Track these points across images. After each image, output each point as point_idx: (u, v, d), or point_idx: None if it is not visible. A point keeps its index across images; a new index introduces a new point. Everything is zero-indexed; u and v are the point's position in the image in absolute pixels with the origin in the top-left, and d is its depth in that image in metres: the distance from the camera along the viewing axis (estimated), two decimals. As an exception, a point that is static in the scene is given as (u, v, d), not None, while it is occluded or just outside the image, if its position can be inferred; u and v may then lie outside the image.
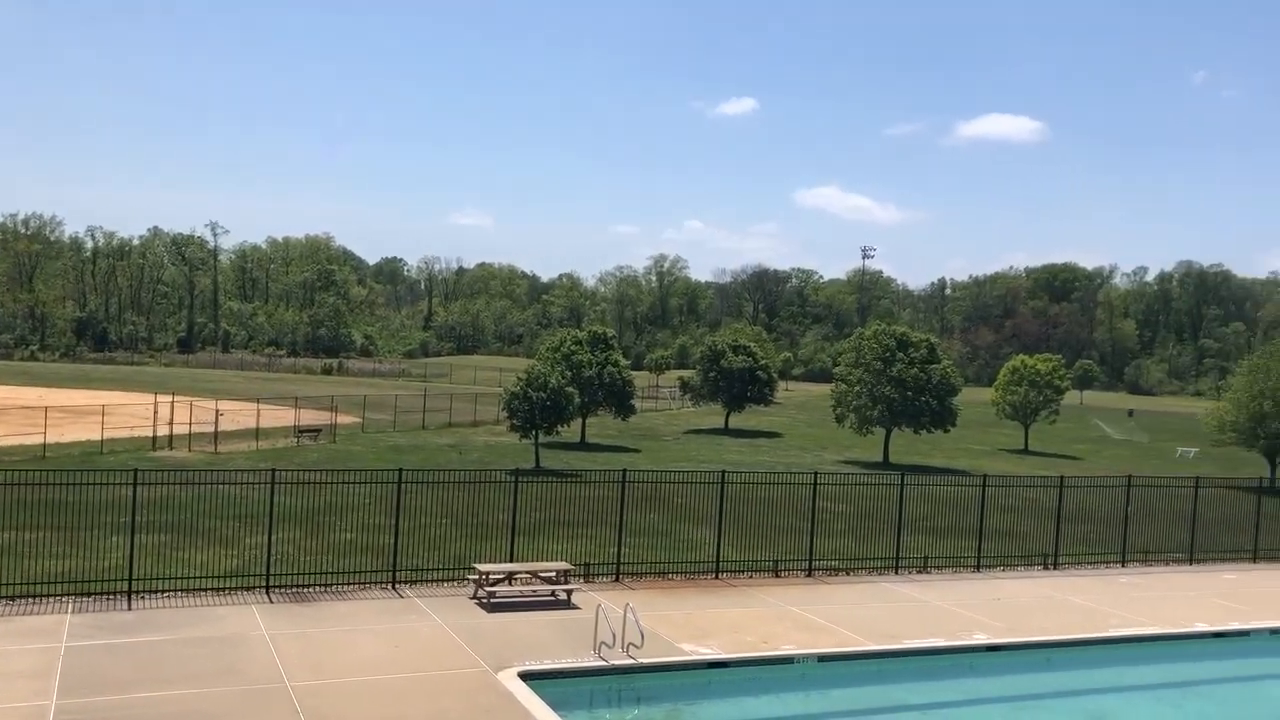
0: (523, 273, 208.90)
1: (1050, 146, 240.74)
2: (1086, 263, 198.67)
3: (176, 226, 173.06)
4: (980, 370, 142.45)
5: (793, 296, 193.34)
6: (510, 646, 17.52)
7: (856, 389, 49.86)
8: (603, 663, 17.02)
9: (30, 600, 18.60)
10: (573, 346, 50.43)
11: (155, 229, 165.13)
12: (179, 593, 19.58)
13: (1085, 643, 20.45)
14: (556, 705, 14.96)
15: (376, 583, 21.07)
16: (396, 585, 21.05)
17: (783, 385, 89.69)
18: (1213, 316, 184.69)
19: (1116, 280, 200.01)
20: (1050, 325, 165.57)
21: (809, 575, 24.30)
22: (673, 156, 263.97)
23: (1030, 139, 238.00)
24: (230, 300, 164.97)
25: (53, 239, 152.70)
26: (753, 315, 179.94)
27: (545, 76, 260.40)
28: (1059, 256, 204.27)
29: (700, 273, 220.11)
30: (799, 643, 18.86)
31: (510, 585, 20.72)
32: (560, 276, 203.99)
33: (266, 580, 20.28)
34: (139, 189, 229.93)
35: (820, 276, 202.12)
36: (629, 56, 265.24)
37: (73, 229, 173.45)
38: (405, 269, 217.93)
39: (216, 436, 42.22)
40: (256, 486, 22.85)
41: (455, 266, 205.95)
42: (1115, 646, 20.59)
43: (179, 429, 42.69)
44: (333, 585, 20.76)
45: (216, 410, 43.84)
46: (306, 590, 20.40)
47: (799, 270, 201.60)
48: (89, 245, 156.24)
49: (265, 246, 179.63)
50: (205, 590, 19.81)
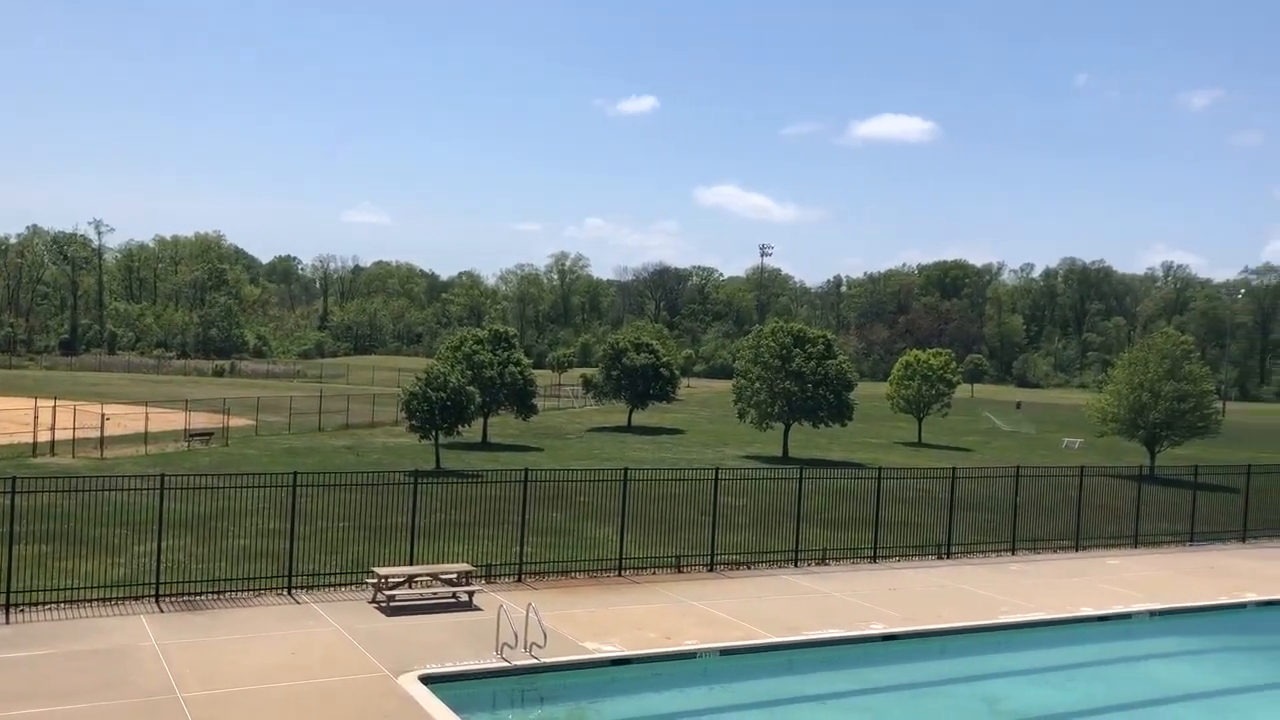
0: (421, 271, 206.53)
1: (941, 146, 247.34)
2: (976, 260, 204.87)
3: (57, 224, 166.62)
4: (875, 365, 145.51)
5: (694, 294, 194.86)
6: (411, 650, 17.28)
7: (756, 385, 50.45)
8: (505, 663, 16.90)
9: (-101, 617, 17.70)
10: (473, 345, 49.98)
11: (34, 227, 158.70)
12: (62, 604, 18.83)
13: (978, 630, 21.04)
14: (459, 708, 14.81)
15: (272, 589, 20.57)
16: (293, 591, 20.59)
17: (685, 382, 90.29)
18: (1095, 311, 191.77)
19: (1004, 277, 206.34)
20: (942, 321, 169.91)
21: (711, 570, 24.50)
22: (574, 154, 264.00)
23: (922, 139, 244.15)
24: (116, 301, 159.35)
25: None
26: (655, 313, 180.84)
27: (444, 71, 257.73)
28: (950, 254, 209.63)
29: (602, 271, 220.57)
30: (701, 637, 19.00)
31: (410, 588, 20.43)
32: (460, 275, 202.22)
33: (156, 589, 19.64)
34: (13, 184, 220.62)
35: (720, 274, 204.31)
36: (529, 52, 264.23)
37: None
38: (300, 268, 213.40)
39: (102, 442, 40.72)
40: (145, 492, 22.11)
41: (351, 265, 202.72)
42: (1006, 632, 21.23)
43: (62, 435, 41.06)
44: (226, 593, 20.21)
45: (102, 414, 42.26)
46: (199, 599, 19.82)
47: (700, 268, 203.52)
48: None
49: (153, 245, 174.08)
50: (90, 601, 19.09)
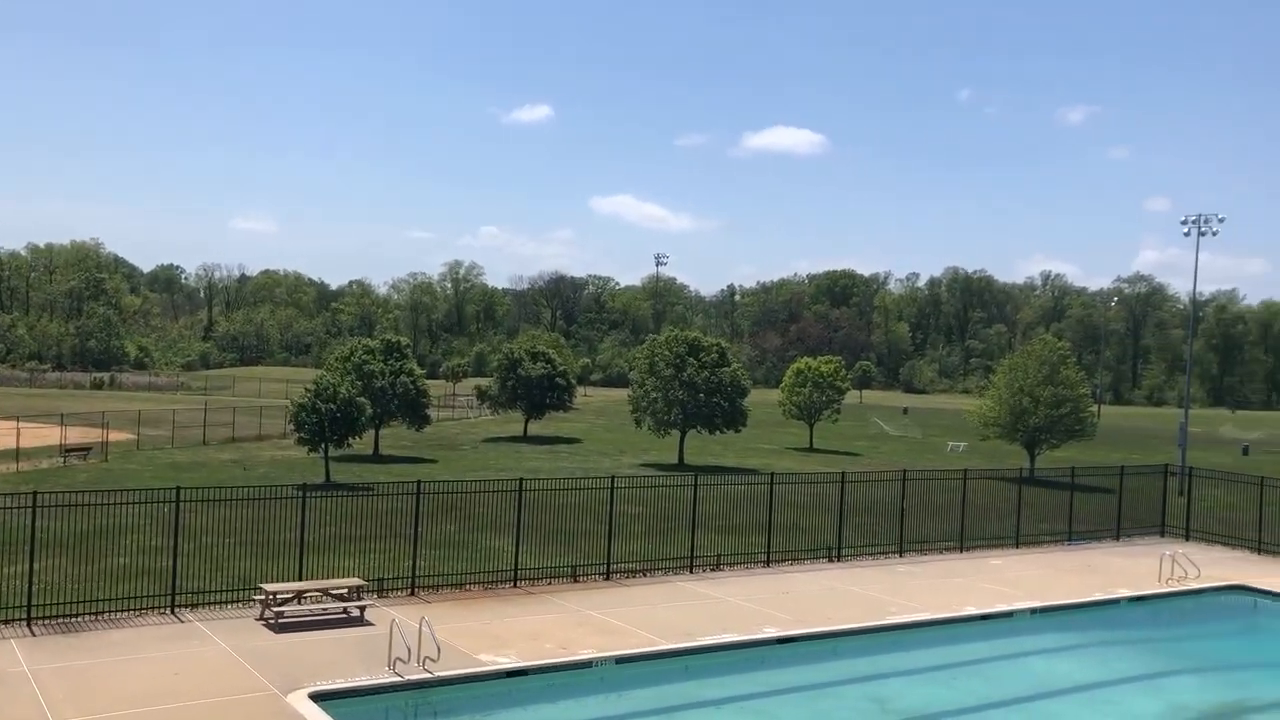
0: (310, 280, 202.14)
1: (830, 158, 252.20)
2: (864, 269, 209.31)
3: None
4: (768, 372, 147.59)
5: (590, 303, 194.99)
6: (300, 667, 16.90)
7: (652, 393, 50.74)
8: (398, 678, 16.65)
9: None
10: (364, 355, 49.14)
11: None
12: (-75, 631, 17.91)
13: (868, 630, 21.52)
14: (350, 725, 14.54)
15: (154, 608, 19.90)
16: (176, 610, 19.95)
17: (582, 391, 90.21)
18: (977, 319, 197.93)
19: (891, 286, 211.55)
20: (832, 329, 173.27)
21: (607, 579, 24.53)
22: (468, 162, 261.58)
23: (812, 151, 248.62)
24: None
25: None
26: (551, 322, 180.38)
27: (332, 77, 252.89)
28: (839, 263, 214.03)
29: (497, 279, 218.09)
30: (597, 646, 19.01)
31: (299, 604, 19.98)
32: (350, 283, 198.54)
33: (28, 612, 18.82)
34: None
35: (617, 283, 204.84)
36: (420, 59, 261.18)
37: None
38: (183, 277, 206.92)
39: (-31, 459, 38.85)
40: (16, 511, 21.13)
41: (237, 274, 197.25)
42: (895, 633, 21.75)
43: (-76, 452, 39.04)
44: (105, 613, 19.47)
45: (-32, 430, 40.32)
46: (75, 620, 19.05)
47: (596, 277, 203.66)
48: None
49: (25, 253, 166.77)
50: (-44, 627, 18.18)
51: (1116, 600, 25.49)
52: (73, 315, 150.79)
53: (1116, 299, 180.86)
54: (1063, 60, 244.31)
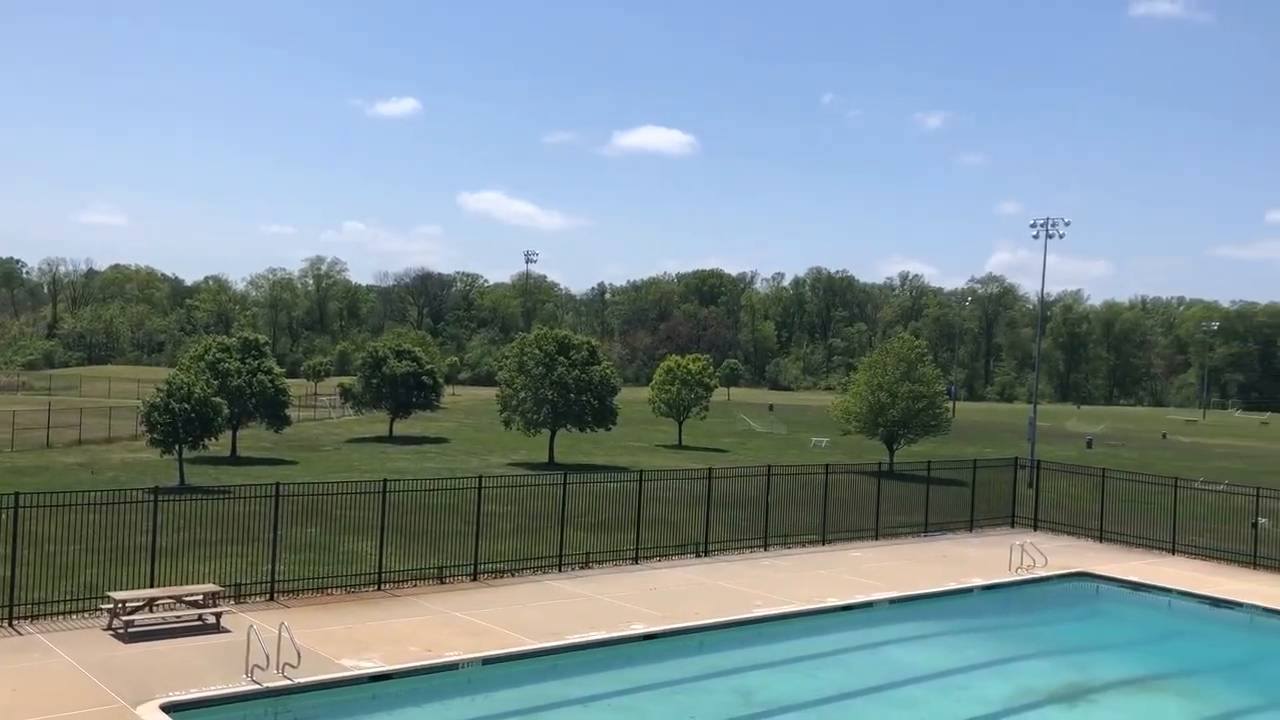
0: (163, 275, 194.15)
1: (699, 159, 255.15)
2: (731, 269, 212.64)
3: None
4: (638, 370, 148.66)
5: (458, 300, 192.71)
6: (152, 678, 16.21)
7: (521, 392, 50.43)
8: (256, 686, 16.14)
9: None
10: (220, 354, 47.46)
11: None
12: None
13: (733, 624, 21.85)
14: (204, 737, 14.02)
15: (-11, 622, 18.81)
16: (14, 622, 18.91)
17: (449, 390, 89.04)
18: (840, 318, 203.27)
19: (758, 285, 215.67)
20: (700, 327, 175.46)
21: (475, 579, 24.29)
22: (330, 154, 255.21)
23: (682, 151, 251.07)
24: None
25: None
26: (417, 319, 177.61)
27: (184, 64, 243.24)
28: (708, 263, 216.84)
29: (361, 276, 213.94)
30: (464, 648, 18.81)
31: (151, 612, 19.18)
32: (206, 279, 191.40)
33: None
34: None
35: (486, 281, 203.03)
36: (277, 46, 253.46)
37: None
38: (25, 271, 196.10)
39: None
40: None
41: (84, 268, 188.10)
42: (759, 625, 22.14)
43: None
44: (-66, 629, 18.31)
45: None
46: (-100, 637, 17.86)
47: (464, 274, 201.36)
48: None
49: None
50: None
51: (969, 589, 26.50)
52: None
53: (970, 299, 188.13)
54: (921, 67, 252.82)
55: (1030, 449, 49.32)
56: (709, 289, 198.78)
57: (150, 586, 20.34)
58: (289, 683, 16.32)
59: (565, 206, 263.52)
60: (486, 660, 18.49)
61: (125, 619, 18.68)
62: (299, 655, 16.59)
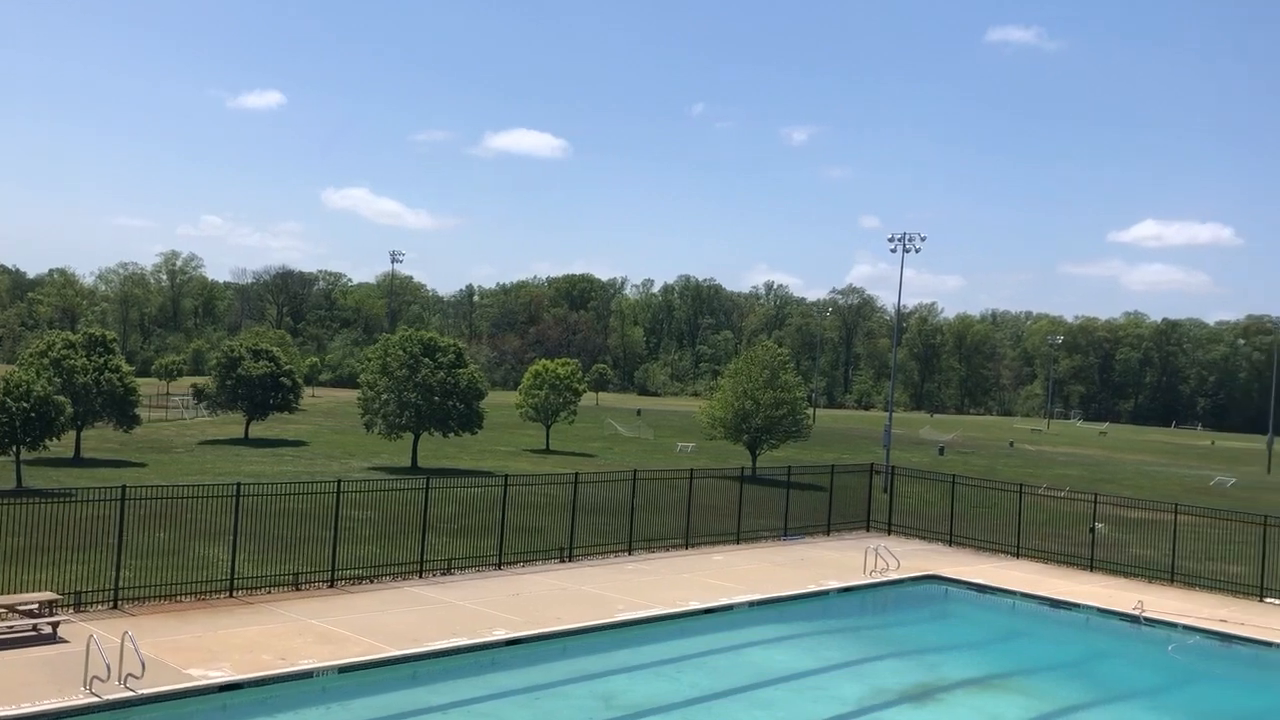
0: (3, 267, 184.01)
1: (571, 163, 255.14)
2: (602, 274, 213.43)
3: None
4: (507, 374, 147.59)
5: (320, 299, 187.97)
6: (-21, 693, 15.29)
7: (384, 395, 49.50)
8: (95, 698, 15.39)
9: None
10: (64, 350, 45.21)
11: None
12: None
13: (596, 629, 21.88)
14: (37, 754, 13.29)
15: None
16: None
17: (309, 391, 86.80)
18: (707, 325, 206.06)
19: (627, 291, 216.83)
20: (570, 332, 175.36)
21: (332, 586, 23.71)
22: (188, 145, 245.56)
23: (554, 154, 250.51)
24: None
25: None
26: (277, 318, 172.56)
27: (26, 35, 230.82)
28: (578, 267, 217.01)
29: (218, 272, 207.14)
30: (319, 656, 18.33)
31: (-20, 623, 18.10)
32: (51, 272, 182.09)
33: None
34: None
35: (350, 280, 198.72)
36: (132, 25, 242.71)
37: None
38: None
39: None
40: None
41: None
42: (622, 630, 22.23)
43: None
44: None
45: None
46: None
47: (327, 273, 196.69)
48: None
49: None
50: None
51: (826, 591, 27.17)
52: None
53: (831, 309, 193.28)
54: (789, 83, 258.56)
55: (886, 455, 50.91)
56: (579, 293, 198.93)
57: (-20, 595, 19.21)
58: (131, 694, 15.63)
59: (434, 206, 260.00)
60: (343, 668, 18.07)
61: (-49, 630, 17.61)
62: (143, 665, 15.91)
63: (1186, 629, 25.43)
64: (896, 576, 29.14)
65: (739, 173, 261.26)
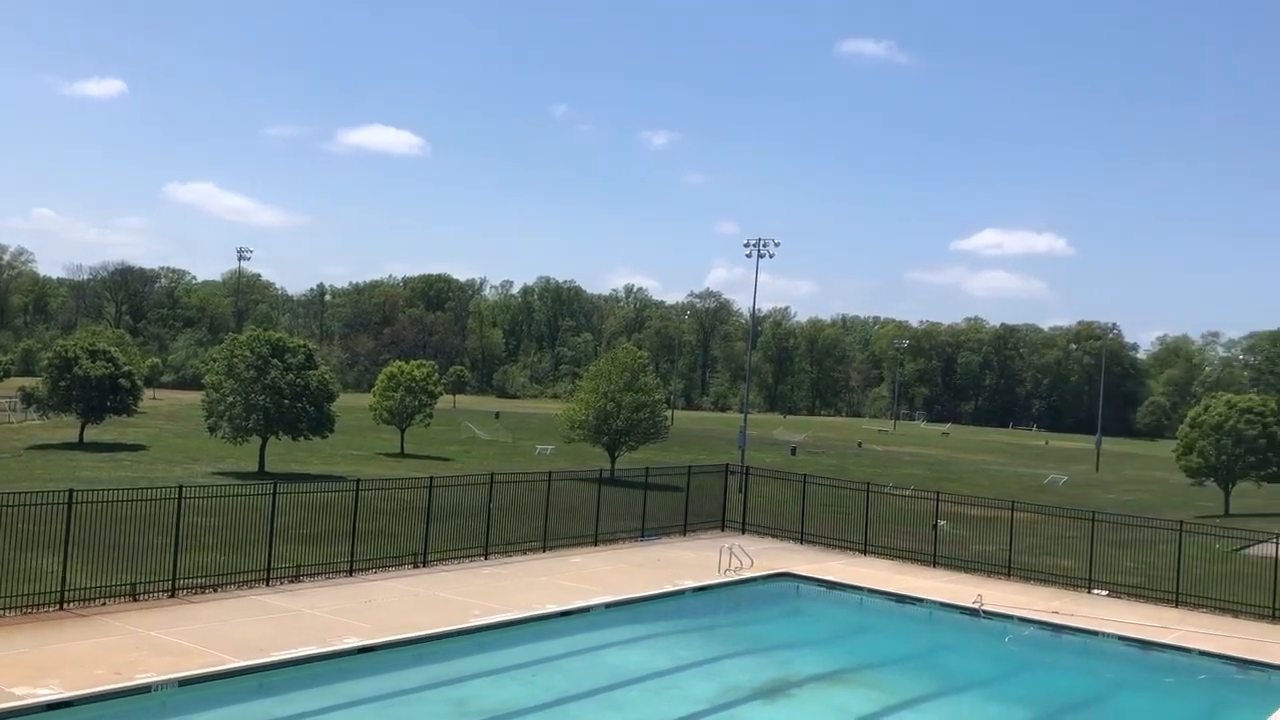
0: None
1: (430, 162, 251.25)
2: (460, 274, 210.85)
3: None
4: (360, 376, 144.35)
5: (162, 298, 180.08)
6: None
7: (229, 397, 47.75)
8: (-93, 724, 14.38)
9: None
10: (-124, 349, 42.14)
11: None
12: None
13: (451, 634, 21.60)
14: None
15: None
16: None
17: (150, 394, 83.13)
18: (567, 327, 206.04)
19: (486, 292, 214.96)
20: (426, 333, 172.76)
21: (173, 596, 22.74)
22: (17, 134, 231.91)
23: (411, 153, 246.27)
24: None
25: None
26: (115, 317, 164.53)
27: None
28: (436, 267, 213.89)
29: (50, 268, 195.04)
30: (158, 669, 17.55)
31: None
32: None
33: None
34: None
35: (194, 277, 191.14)
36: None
37: None
38: None
39: None
40: None
41: None
42: (478, 635, 22.02)
43: None
44: None
45: None
46: None
47: (169, 270, 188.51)
48: None
49: None
50: None
51: (682, 591, 27.48)
52: None
53: (689, 312, 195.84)
54: (647, 85, 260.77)
55: (741, 456, 51.87)
56: (436, 294, 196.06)
57: None
58: (-52, 717, 14.67)
59: (285, 203, 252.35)
60: (184, 681, 17.34)
61: None
62: (-38, 686, 14.94)
63: (1022, 621, 26.68)
64: (750, 575, 29.69)
65: (600, 175, 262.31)
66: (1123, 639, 25.47)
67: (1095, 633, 25.86)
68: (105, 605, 21.61)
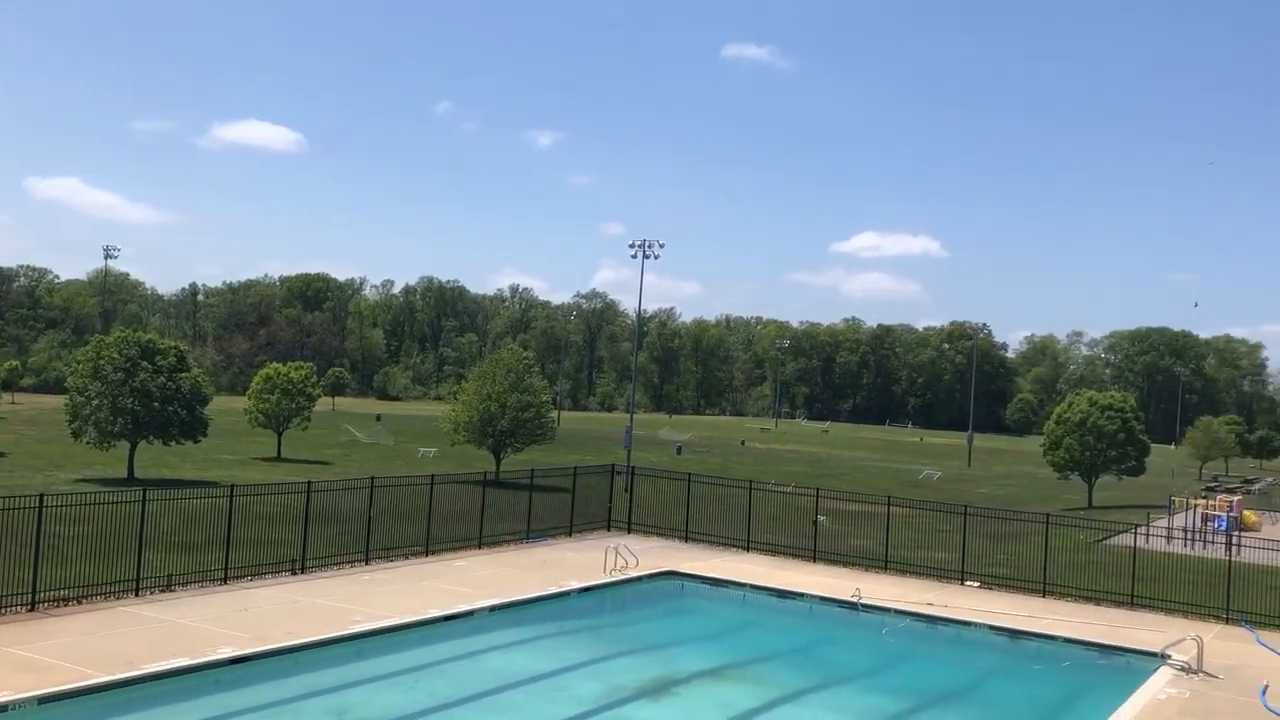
0: None
1: (309, 159, 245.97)
2: (339, 274, 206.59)
3: None
4: (235, 378, 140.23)
5: (22, 297, 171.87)
6: None
7: (96, 400, 45.78)
8: None
9: None
10: None
11: None
12: None
13: (330, 642, 21.10)
14: None
15: None
16: None
17: (9, 398, 79.32)
18: (451, 328, 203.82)
19: (366, 292, 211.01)
20: (304, 334, 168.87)
21: (33, 609, 21.69)
22: None
23: (289, 149, 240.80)
24: None
25: None
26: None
27: None
28: (314, 266, 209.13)
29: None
30: (16, 687, 16.70)
31: None
32: None
33: None
34: None
35: (57, 276, 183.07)
36: None
37: None
38: None
39: None
40: None
41: None
42: (359, 641, 21.56)
43: None
44: None
45: None
46: None
47: (30, 268, 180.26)
48: None
49: None
50: None
51: (567, 593, 27.41)
52: None
53: (576, 313, 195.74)
54: (531, 84, 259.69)
55: (627, 455, 52.06)
56: (314, 293, 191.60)
57: None
58: None
59: (155, 199, 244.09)
60: (44, 699, 16.53)
61: None
62: None
63: (899, 613, 27.40)
64: (635, 574, 29.79)
65: (485, 174, 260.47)
66: (993, 629, 26.39)
67: (968, 623, 26.73)
68: (-42, 621, 20.49)
